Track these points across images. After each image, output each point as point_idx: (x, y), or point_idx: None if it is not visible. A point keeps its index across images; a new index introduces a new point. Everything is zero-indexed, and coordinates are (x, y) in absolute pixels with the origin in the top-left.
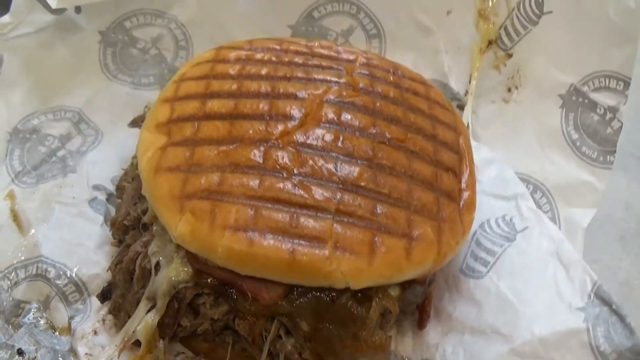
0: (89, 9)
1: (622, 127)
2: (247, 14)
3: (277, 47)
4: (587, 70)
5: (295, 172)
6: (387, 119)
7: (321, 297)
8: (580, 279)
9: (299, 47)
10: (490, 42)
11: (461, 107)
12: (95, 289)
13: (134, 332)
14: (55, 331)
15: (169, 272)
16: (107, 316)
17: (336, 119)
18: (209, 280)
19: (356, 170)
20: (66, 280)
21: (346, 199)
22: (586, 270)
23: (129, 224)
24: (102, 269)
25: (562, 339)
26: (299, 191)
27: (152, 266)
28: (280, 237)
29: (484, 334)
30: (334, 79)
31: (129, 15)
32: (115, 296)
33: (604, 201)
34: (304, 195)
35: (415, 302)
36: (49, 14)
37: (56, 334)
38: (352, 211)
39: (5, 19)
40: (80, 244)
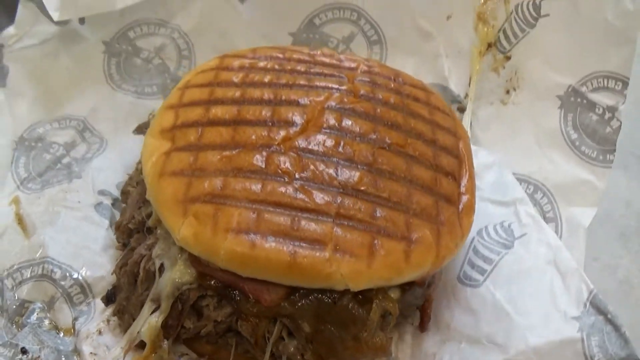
0: (93, 20)
1: (621, 126)
2: (248, 22)
3: (280, 56)
4: (585, 71)
5: (296, 176)
6: (387, 125)
7: (322, 299)
8: (576, 287)
9: (302, 56)
10: (489, 45)
11: (461, 110)
12: (100, 291)
13: (139, 332)
14: (59, 332)
15: (172, 274)
16: (112, 317)
17: (337, 125)
18: (212, 282)
19: (356, 174)
20: (72, 281)
21: (346, 202)
22: (583, 278)
23: (134, 227)
24: (107, 272)
25: (556, 348)
26: (300, 195)
27: (157, 268)
28: (281, 240)
29: (480, 344)
30: (335, 86)
31: (132, 25)
32: (119, 299)
33: (604, 199)
34: (305, 199)
35: (415, 304)
36: (54, 25)
37: (60, 335)
38: (352, 215)
39: (10, 31)
40: (85, 247)
